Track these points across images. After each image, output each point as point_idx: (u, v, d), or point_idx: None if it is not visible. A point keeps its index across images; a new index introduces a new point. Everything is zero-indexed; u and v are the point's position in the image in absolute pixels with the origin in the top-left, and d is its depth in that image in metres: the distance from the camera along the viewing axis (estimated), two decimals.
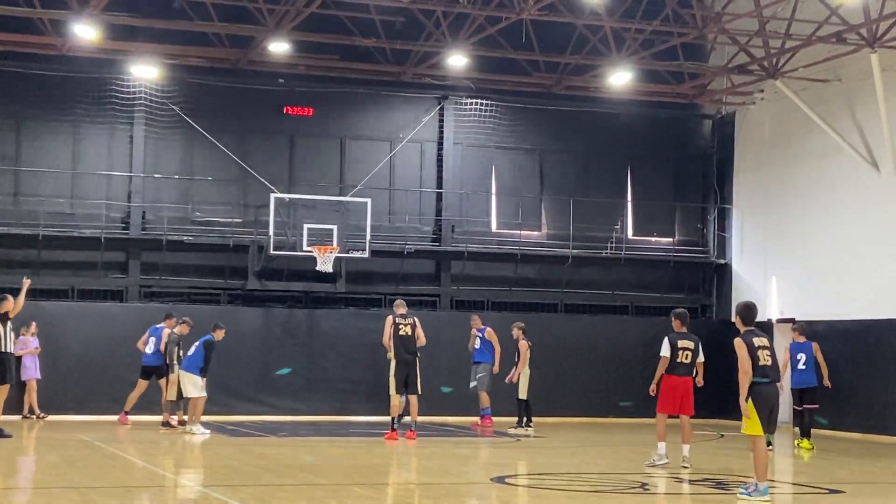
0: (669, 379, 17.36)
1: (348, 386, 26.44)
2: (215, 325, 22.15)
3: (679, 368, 17.32)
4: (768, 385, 13.56)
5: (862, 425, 24.63)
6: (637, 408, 27.86)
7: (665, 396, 17.40)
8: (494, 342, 24.45)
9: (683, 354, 17.31)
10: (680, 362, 17.31)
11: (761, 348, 13.57)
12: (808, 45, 25.01)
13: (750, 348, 13.51)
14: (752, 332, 13.74)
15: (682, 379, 17.34)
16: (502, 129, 28.98)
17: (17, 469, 16.54)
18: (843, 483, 16.16)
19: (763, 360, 13.54)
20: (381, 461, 18.30)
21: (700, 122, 30.82)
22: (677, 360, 17.31)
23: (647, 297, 29.61)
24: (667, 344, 17.41)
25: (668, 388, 17.37)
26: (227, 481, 15.07)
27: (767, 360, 13.56)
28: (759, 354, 13.52)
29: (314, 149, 28.08)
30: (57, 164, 26.40)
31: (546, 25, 25.86)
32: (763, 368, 13.51)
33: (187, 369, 21.79)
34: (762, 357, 13.54)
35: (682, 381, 17.34)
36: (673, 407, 17.37)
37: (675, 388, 17.32)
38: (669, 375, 17.35)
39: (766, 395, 13.54)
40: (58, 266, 26.14)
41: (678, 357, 17.30)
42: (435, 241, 28.53)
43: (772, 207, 28.39)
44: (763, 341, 13.66)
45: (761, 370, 13.50)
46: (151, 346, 23.27)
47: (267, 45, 25.45)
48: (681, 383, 17.33)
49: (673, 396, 17.33)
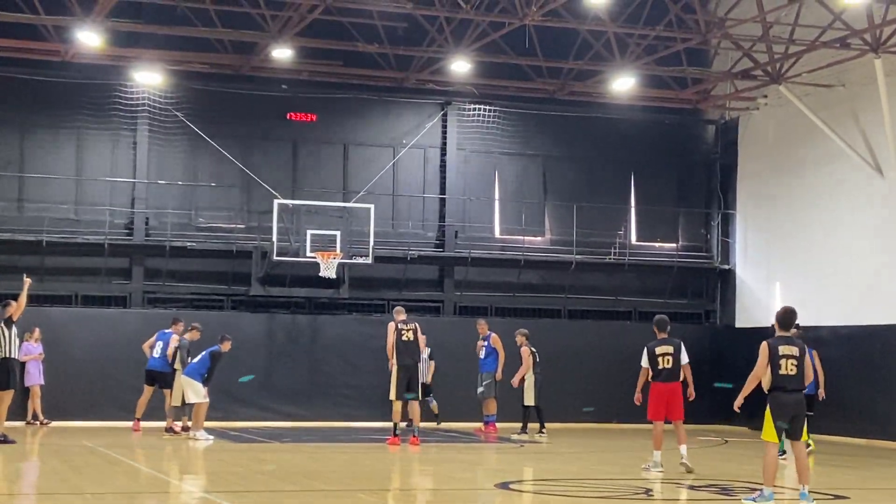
0: (655, 386, 17.43)
1: (351, 392, 26.44)
2: (223, 336, 22.20)
3: (662, 374, 17.34)
4: (787, 394, 13.57)
5: (865, 431, 24.60)
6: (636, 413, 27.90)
7: (652, 403, 17.43)
8: (499, 348, 24.47)
9: (664, 360, 17.33)
10: (662, 368, 17.33)
11: (786, 357, 13.58)
12: (811, 51, 25.00)
13: (773, 355, 13.56)
14: (782, 339, 13.72)
15: (667, 385, 17.33)
16: (505, 134, 28.99)
17: (22, 475, 16.53)
18: (847, 489, 16.14)
19: (785, 369, 13.55)
20: (385, 467, 18.30)
21: (703, 127, 30.82)
22: (658, 366, 17.34)
23: (650, 302, 29.58)
24: (644, 355, 17.55)
25: (654, 394, 17.43)
26: (230, 487, 15.07)
27: (790, 370, 13.56)
28: (781, 363, 13.55)
29: (317, 155, 28.09)
30: (61, 170, 26.42)
31: (549, 31, 25.87)
32: (782, 377, 13.54)
33: (190, 375, 21.78)
34: (784, 366, 13.55)
35: (666, 387, 17.33)
36: (661, 413, 17.38)
37: (660, 395, 17.35)
38: (654, 382, 17.42)
39: (784, 403, 13.56)
40: (62, 272, 26.17)
41: (659, 364, 17.34)
42: (438, 247, 28.53)
43: (775, 213, 28.37)
44: (791, 350, 13.63)
45: (780, 379, 13.54)
46: (158, 351, 23.24)
47: (270, 51, 25.47)
48: (666, 389, 17.33)
49: (658, 402, 17.36)
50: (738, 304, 29.39)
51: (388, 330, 21.15)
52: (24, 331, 23.45)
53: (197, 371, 21.72)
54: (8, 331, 20.18)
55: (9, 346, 20.16)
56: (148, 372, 23.38)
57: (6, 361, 20.12)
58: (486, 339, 24.62)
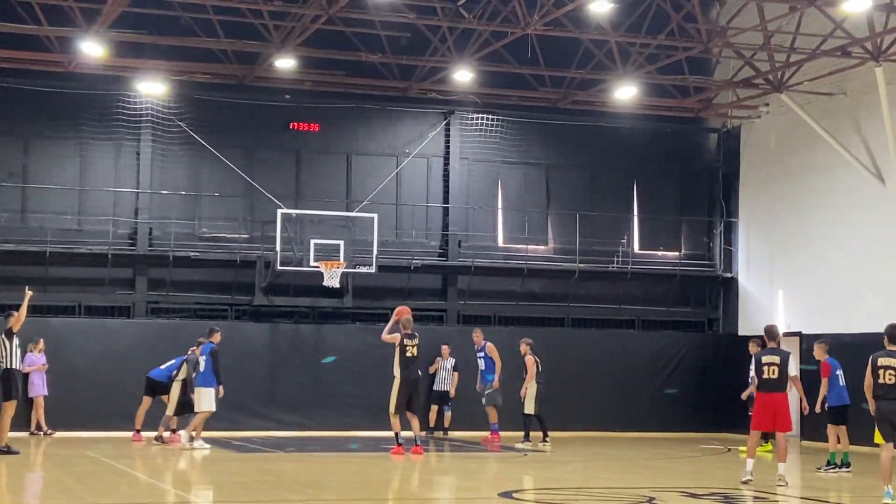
0: (759, 396, 17.31)
1: (355, 401, 26.43)
2: (210, 329, 22.12)
3: (767, 385, 17.10)
4: (886, 402, 14.89)
5: (869, 439, 24.48)
6: (640, 421, 27.94)
7: (756, 413, 17.34)
8: (495, 357, 24.45)
9: (770, 370, 17.07)
10: (767, 378, 17.09)
11: (884, 368, 14.94)
12: (812, 59, 25.03)
13: (873, 367, 15.01)
14: (884, 353, 15.12)
15: (771, 395, 17.07)
16: (508, 143, 29.02)
17: (25, 486, 16.56)
18: (855, 497, 16.13)
19: (884, 378, 14.92)
20: (389, 476, 18.30)
21: (706, 135, 30.84)
22: (763, 376, 17.11)
23: (653, 311, 29.61)
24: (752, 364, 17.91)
25: (759, 405, 17.31)
26: (234, 497, 15.08)
27: (889, 380, 14.88)
28: (879, 373, 14.94)
29: (321, 164, 28.13)
30: (64, 180, 26.46)
31: (551, 40, 25.90)
32: (883, 386, 14.92)
33: (206, 384, 21.75)
34: (882, 376, 14.92)
35: (770, 398, 17.09)
36: (764, 423, 17.24)
37: (765, 405, 17.16)
38: (759, 392, 17.28)
39: (883, 410, 14.91)
40: (65, 282, 26.19)
41: (764, 373, 17.10)
42: (441, 256, 28.55)
43: (778, 221, 28.38)
44: (889, 362, 14.95)
45: (880, 388, 14.93)
46: (165, 365, 23.31)
47: (273, 61, 25.52)
48: (769, 400, 17.09)
49: (763, 413, 17.17)
50: (741, 312, 29.38)
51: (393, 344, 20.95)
52: (28, 341, 23.49)
53: (211, 377, 21.71)
54: (9, 342, 20.20)
55: (10, 357, 20.17)
56: (148, 381, 23.41)
57: (8, 373, 20.14)
58: (482, 350, 24.61)
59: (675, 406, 28.40)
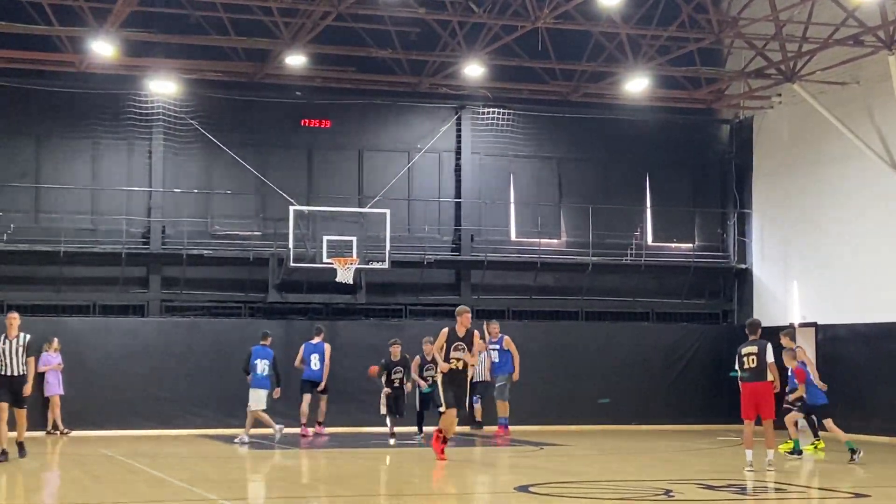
0: (743, 386, 17.87)
1: (369, 397, 26.37)
2: (264, 333, 22.97)
3: (748, 374, 17.73)
4: None
5: (885, 429, 24.47)
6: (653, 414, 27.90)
7: (742, 403, 17.85)
8: (513, 349, 24.40)
9: (749, 360, 17.71)
10: (748, 368, 17.73)
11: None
12: (825, 48, 24.94)
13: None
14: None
15: (753, 384, 17.65)
16: (520, 137, 28.99)
17: (42, 485, 16.59)
18: (867, 487, 16.10)
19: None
20: (405, 471, 18.29)
21: (718, 127, 30.76)
22: (744, 366, 17.78)
23: (667, 303, 29.57)
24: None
25: (744, 394, 17.83)
26: (249, 494, 15.08)
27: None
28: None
29: (332, 161, 28.14)
30: (77, 180, 26.52)
31: (562, 33, 25.85)
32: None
33: (262, 385, 22.45)
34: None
35: (753, 387, 17.65)
36: (750, 412, 17.70)
37: (749, 394, 17.72)
38: (743, 382, 17.86)
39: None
40: (79, 282, 26.25)
41: (745, 364, 17.76)
42: (454, 251, 28.53)
43: (791, 211, 28.31)
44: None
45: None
46: (317, 363, 24.26)
47: (284, 58, 25.53)
48: (752, 389, 17.66)
49: (748, 402, 17.74)
50: (756, 304, 29.32)
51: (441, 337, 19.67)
52: (44, 341, 23.57)
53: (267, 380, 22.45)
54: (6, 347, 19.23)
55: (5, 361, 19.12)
56: (306, 381, 24.34)
57: None
58: (499, 342, 24.55)
59: (690, 398, 28.35)
